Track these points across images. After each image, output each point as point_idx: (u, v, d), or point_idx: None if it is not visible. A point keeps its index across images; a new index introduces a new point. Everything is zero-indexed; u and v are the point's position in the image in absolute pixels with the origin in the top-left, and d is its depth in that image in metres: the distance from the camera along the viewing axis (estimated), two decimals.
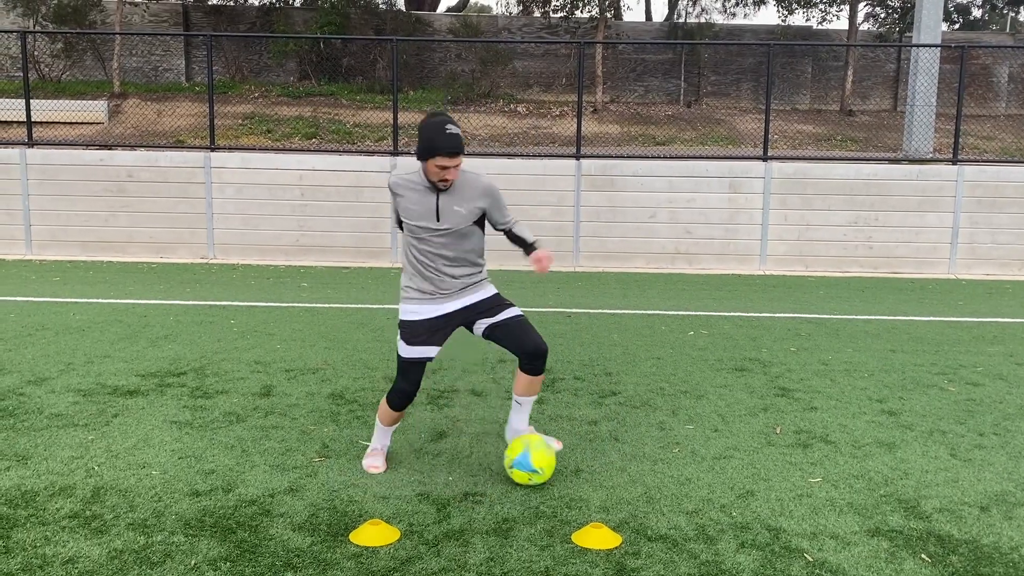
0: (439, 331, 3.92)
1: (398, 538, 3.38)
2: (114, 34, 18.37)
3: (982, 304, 9.06)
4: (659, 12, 48.41)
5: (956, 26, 30.04)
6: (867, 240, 11.19)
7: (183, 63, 22.64)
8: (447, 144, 3.59)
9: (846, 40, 23.33)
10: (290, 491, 3.81)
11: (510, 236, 4.03)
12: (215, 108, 11.93)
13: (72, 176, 11.19)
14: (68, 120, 16.74)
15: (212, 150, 11.39)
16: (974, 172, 11.17)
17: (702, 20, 25.60)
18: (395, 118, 11.60)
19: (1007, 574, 3.21)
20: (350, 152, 12.48)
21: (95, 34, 19.97)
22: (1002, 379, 5.97)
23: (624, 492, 3.88)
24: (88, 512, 3.56)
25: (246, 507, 3.64)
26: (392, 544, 3.33)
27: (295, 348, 6.46)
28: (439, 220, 3.76)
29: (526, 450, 3.86)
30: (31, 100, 11.68)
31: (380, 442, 4.16)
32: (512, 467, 3.87)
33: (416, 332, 3.88)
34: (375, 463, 4.08)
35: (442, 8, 29.49)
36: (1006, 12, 30.46)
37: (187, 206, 11.19)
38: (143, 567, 3.12)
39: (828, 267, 11.21)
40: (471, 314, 3.92)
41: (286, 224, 11.21)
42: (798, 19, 29.76)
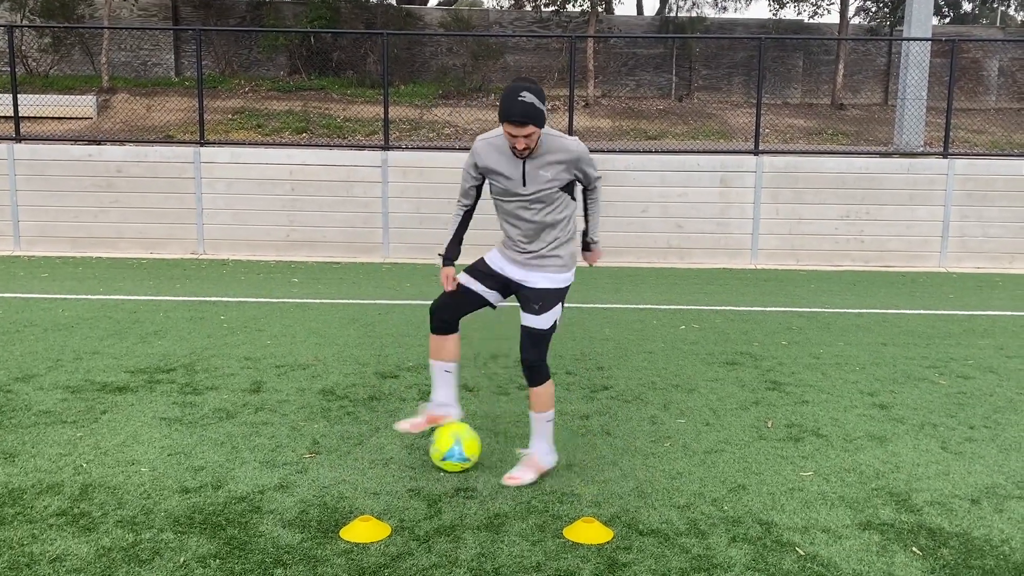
0: (491, 277, 3.91)
1: (389, 534, 3.36)
2: (102, 28, 18.25)
3: (972, 297, 9.09)
4: (650, 6, 48.44)
5: (947, 20, 30.11)
6: (858, 234, 11.21)
7: (172, 57, 22.52)
8: (512, 111, 3.48)
9: (837, 34, 23.36)
10: (280, 487, 3.79)
11: (584, 208, 4.01)
12: (205, 103, 11.86)
13: (61, 171, 11.12)
14: (56, 115, 16.64)
15: (202, 145, 11.33)
16: (964, 166, 11.20)
17: (693, 14, 25.62)
18: (386, 112, 11.56)
19: (997, 566, 3.22)
20: (341, 147, 12.43)
21: (83, 28, 19.83)
22: (992, 372, 5.99)
23: (616, 486, 3.88)
24: (76, 510, 3.53)
25: (236, 504, 3.61)
26: (383, 540, 3.32)
27: (285, 344, 6.43)
28: (525, 184, 3.69)
29: (457, 443, 3.95)
30: (19, 95, 11.59)
31: (435, 392, 4.10)
32: (444, 459, 3.96)
33: (477, 269, 3.93)
34: (417, 421, 4.10)
35: (433, 2, 29.41)
36: (996, 6, 30.54)
37: (177, 201, 11.12)
38: (132, 565, 3.10)
39: (819, 261, 11.22)
40: (517, 292, 3.91)
41: (277, 219, 11.16)
42: (789, 13, 29.77)
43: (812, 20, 25.72)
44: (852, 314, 7.98)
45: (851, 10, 24.71)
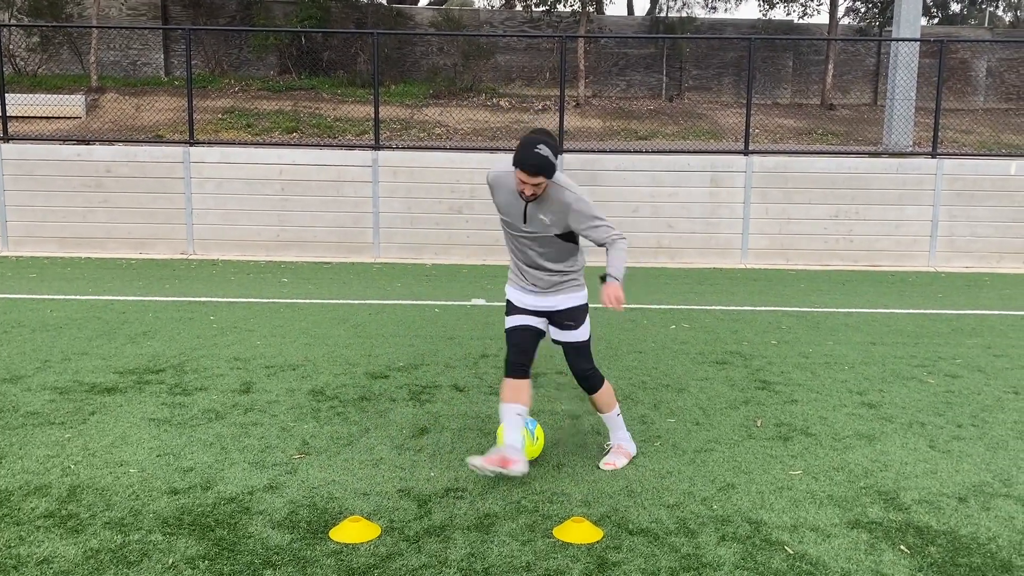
0: (527, 312, 4.05)
1: (379, 535, 3.36)
2: (91, 27, 18.15)
3: (961, 296, 9.13)
4: (641, 6, 48.33)
5: (935, 20, 30.26)
6: (847, 233, 11.25)
7: (162, 57, 22.42)
8: (527, 161, 3.66)
9: (827, 34, 23.45)
10: (269, 488, 3.79)
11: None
12: (194, 102, 11.82)
13: (49, 171, 11.06)
14: (45, 115, 16.54)
15: (191, 145, 11.28)
16: (953, 166, 11.25)
17: (684, 14, 25.67)
18: (376, 112, 11.54)
19: (984, 564, 3.24)
20: (331, 146, 12.41)
21: (72, 27, 19.72)
22: (980, 371, 6.02)
23: (605, 486, 3.88)
24: (64, 511, 3.51)
25: (225, 505, 3.60)
26: (372, 541, 3.31)
27: (275, 344, 6.41)
28: (525, 223, 3.89)
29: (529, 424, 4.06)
30: (6, 94, 11.52)
31: (506, 434, 3.94)
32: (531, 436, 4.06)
33: (511, 309, 4.09)
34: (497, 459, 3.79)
35: (424, 2, 29.38)
36: (984, 7, 30.71)
37: (166, 201, 11.08)
38: (120, 566, 3.09)
39: (809, 260, 11.26)
40: (549, 317, 4.07)
41: (266, 219, 11.13)
42: (779, 13, 29.87)
43: (802, 20, 25.82)
44: (841, 313, 8.02)
45: (840, 11, 24.80)
